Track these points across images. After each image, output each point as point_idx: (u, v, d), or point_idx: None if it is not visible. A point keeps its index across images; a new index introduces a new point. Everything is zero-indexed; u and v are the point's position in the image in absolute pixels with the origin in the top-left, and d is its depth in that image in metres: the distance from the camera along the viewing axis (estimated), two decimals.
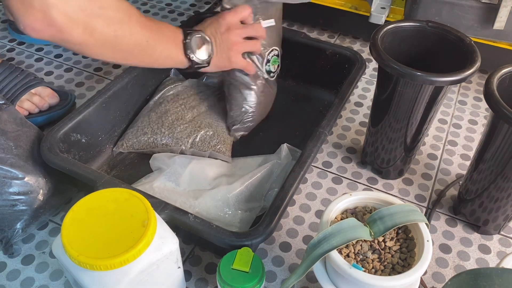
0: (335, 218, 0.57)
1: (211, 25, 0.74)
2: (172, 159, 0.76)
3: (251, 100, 0.81)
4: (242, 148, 0.84)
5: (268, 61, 0.80)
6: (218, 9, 1.25)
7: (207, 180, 0.75)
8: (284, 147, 0.78)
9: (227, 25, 0.74)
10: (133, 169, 0.80)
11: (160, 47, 0.67)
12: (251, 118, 0.83)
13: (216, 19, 0.74)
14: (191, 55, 0.70)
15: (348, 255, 0.54)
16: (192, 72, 0.75)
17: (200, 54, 0.71)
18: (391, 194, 0.79)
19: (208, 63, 0.73)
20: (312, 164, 0.82)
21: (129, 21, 0.61)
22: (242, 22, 0.75)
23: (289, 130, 0.87)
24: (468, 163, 0.84)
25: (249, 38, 0.76)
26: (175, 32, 0.70)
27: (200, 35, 0.71)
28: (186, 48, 0.69)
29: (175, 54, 0.69)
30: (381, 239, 0.55)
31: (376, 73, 0.73)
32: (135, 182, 0.75)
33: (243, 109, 0.81)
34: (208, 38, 0.72)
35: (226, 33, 0.73)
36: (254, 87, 0.81)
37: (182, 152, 0.80)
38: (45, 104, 0.88)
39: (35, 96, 0.87)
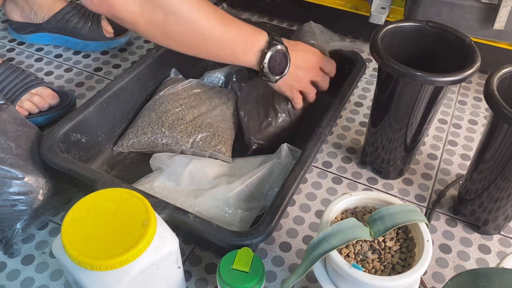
0: (335, 218, 0.57)
1: (301, 52, 0.74)
2: (172, 159, 0.76)
3: (278, 122, 0.82)
4: (241, 148, 0.84)
5: None
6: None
7: (207, 180, 0.75)
8: (284, 147, 0.77)
9: (315, 64, 0.75)
10: (133, 169, 0.80)
11: (221, 43, 0.63)
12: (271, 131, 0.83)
13: (310, 50, 0.75)
14: (265, 69, 0.68)
15: (348, 255, 0.54)
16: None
17: (273, 69, 0.70)
18: (391, 194, 0.79)
19: (276, 81, 0.72)
20: (312, 164, 0.82)
21: (184, 7, 0.59)
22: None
23: None
24: (468, 163, 0.84)
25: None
26: (253, 31, 0.67)
27: (283, 51, 0.69)
28: (263, 58, 0.68)
29: (243, 57, 0.67)
30: (381, 239, 0.55)
31: (376, 73, 0.73)
32: (135, 182, 0.75)
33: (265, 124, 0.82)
34: (288, 60, 0.70)
35: (308, 70, 0.74)
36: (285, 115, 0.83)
37: (182, 152, 0.80)
38: (45, 105, 0.88)
39: (35, 96, 0.87)
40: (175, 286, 0.60)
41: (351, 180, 0.81)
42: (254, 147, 0.82)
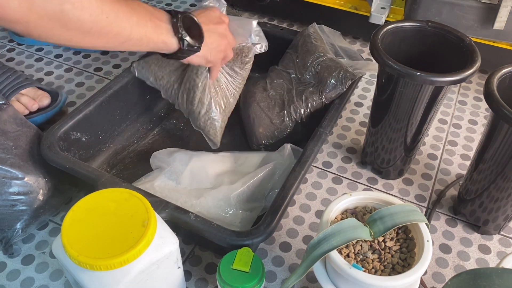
0: (335, 218, 0.57)
1: (201, 13, 0.67)
2: (172, 157, 0.76)
3: (291, 128, 0.83)
4: (245, 149, 0.84)
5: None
6: None
7: (208, 178, 0.74)
8: (288, 147, 0.77)
9: (218, 17, 0.69)
10: (133, 168, 0.80)
11: (129, 24, 0.56)
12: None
13: (205, 10, 0.69)
14: (184, 35, 0.61)
15: (348, 255, 0.54)
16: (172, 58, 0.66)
17: (191, 37, 0.62)
18: (391, 194, 0.79)
19: (198, 48, 0.64)
20: (312, 164, 0.82)
21: None
22: None
23: None
24: (468, 163, 0.84)
25: None
26: (154, 9, 0.60)
27: (190, 15, 0.63)
28: (176, 27, 0.60)
29: (156, 33, 0.59)
30: (381, 239, 0.55)
31: (376, 73, 0.73)
32: (135, 181, 0.75)
33: None
34: (197, 21, 0.64)
35: (219, 25, 0.68)
36: None
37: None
38: (34, 105, 0.87)
39: (24, 97, 0.86)
40: (175, 286, 0.60)
41: (351, 180, 0.81)
42: (263, 150, 0.82)
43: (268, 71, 0.91)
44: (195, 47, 0.63)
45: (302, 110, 0.81)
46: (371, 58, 0.70)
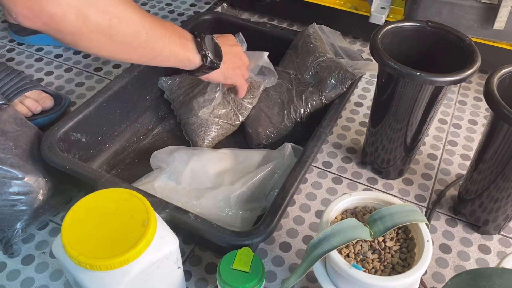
0: (335, 218, 0.57)
1: (219, 36, 0.75)
2: (171, 156, 0.76)
3: (291, 128, 0.84)
4: (242, 142, 0.84)
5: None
6: (218, 9, 1.25)
7: (208, 178, 0.74)
8: (288, 146, 0.77)
9: (234, 41, 0.77)
10: (133, 169, 0.80)
11: (162, 41, 0.62)
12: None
13: (222, 35, 0.76)
14: (207, 53, 0.67)
15: (348, 255, 0.54)
16: (192, 75, 0.72)
17: (213, 54, 0.69)
18: (391, 194, 0.79)
19: (218, 65, 0.70)
20: (312, 164, 0.82)
21: (125, 9, 0.57)
22: None
23: None
24: (468, 163, 0.84)
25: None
26: (181, 29, 0.67)
27: (210, 37, 0.70)
28: (200, 45, 0.67)
29: (183, 51, 0.66)
30: (381, 239, 0.55)
31: (376, 73, 0.73)
32: (135, 182, 0.75)
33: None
34: (218, 42, 0.71)
35: (234, 46, 0.76)
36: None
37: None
38: (38, 108, 0.87)
39: (28, 99, 0.86)
40: (175, 286, 0.60)
41: (351, 180, 0.81)
42: None
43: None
44: (215, 64, 0.69)
45: (302, 110, 0.81)
46: (371, 58, 0.70)
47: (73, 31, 0.53)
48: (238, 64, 0.76)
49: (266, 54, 0.84)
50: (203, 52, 0.67)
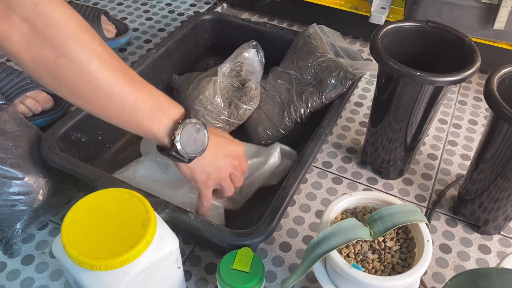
0: (335, 218, 0.57)
1: (223, 139, 0.63)
2: None
3: (291, 128, 0.83)
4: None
5: None
6: (218, 9, 1.25)
7: None
8: (277, 147, 0.73)
9: (239, 156, 0.64)
10: None
11: (121, 105, 0.52)
12: None
13: (234, 141, 0.66)
14: (176, 140, 0.55)
15: (348, 255, 0.54)
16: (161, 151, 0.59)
17: (188, 146, 0.57)
18: (391, 194, 0.79)
19: (190, 160, 0.58)
20: (312, 164, 0.82)
21: (79, 50, 0.48)
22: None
23: None
24: (468, 163, 0.84)
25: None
26: (166, 101, 0.56)
27: (201, 128, 0.58)
28: (174, 128, 0.55)
29: (149, 125, 0.55)
30: (381, 239, 0.55)
31: (376, 73, 0.73)
32: (115, 172, 0.73)
33: None
34: (206, 140, 0.59)
35: (231, 160, 0.63)
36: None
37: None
38: (38, 108, 0.87)
39: (28, 99, 0.86)
40: (175, 286, 0.60)
41: (351, 180, 0.81)
42: None
43: (269, 72, 0.91)
44: (183, 157, 0.57)
45: (302, 110, 0.81)
46: (371, 58, 0.70)
47: (15, 54, 0.47)
48: (221, 173, 0.62)
49: (278, 146, 0.74)
50: (172, 137, 0.56)
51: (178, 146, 0.56)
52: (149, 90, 0.55)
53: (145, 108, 0.54)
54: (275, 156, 0.73)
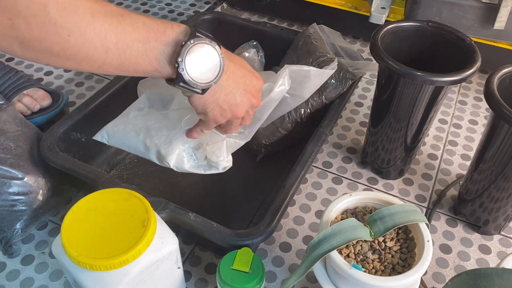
0: (335, 218, 0.57)
1: (242, 69, 0.52)
2: (160, 81, 0.57)
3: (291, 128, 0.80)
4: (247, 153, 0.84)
5: None
6: (218, 9, 1.25)
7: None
8: (286, 72, 0.59)
9: (258, 91, 0.54)
10: (133, 169, 0.80)
11: (103, 46, 0.43)
12: None
13: (253, 71, 0.54)
14: (182, 66, 0.45)
15: (348, 256, 0.54)
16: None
17: (197, 73, 0.46)
18: (391, 194, 0.79)
19: (204, 91, 0.48)
20: (312, 164, 0.82)
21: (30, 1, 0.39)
22: None
23: None
24: (468, 163, 0.84)
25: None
26: (165, 25, 0.46)
27: (214, 50, 0.47)
28: (177, 52, 0.45)
29: (146, 60, 0.45)
30: (381, 239, 0.55)
31: (376, 73, 0.73)
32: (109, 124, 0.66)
33: None
34: (221, 54, 0.47)
35: (249, 96, 0.53)
36: None
37: None
38: (36, 106, 0.87)
39: (26, 97, 0.86)
40: (175, 286, 0.60)
41: (351, 180, 0.81)
42: (263, 150, 0.81)
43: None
44: (194, 88, 0.47)
45: (302, 110, 0.81)
46: (371, 58, 0.70)
47: None
48: (242, 105, 0.53)
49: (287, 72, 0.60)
50: (176, 64, 0.45)
51: (185, 75, 0.45)
52: (132, 20, 0.44)
53: (132, 42, 0.44)
54: (283, 81, 0.59)
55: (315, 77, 0.61)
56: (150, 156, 0.62)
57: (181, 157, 0.60)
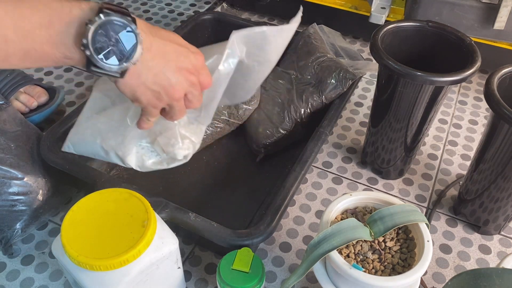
0: (335, 218, 0.57)
1: (172, 44, 0.46)
2: None
3: (291, 128, 0.81)
4: (246, 154, 0.83)
5: None
6: (218, 9, 1.25)
7: None
8: (232, 39, 0.50)
9: (197, 68, 0.47)
10: (133, 169, 0.80)
11: (2, 34, 0.38)
12: None
13: (188, 46, 0.48)
14: (89, 49, 0.40)
15: (348, 256, 0.54)
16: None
17: (107, 53, 0.41)
18: (391, 194, 0.79)
19: (122, 74, 0.42)
20: (312, 164, 0.82)
21: None
22: None
23: None
24: (468, 163, 0.84)
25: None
26: (64, 4, 0.40)
27: (126, 24, 0.41)
28: (82, 33, 0.39)
29: (53, 45, 0.39)
30: (381, 239, 0.55)
31: (376, 73, 0.73)
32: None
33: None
34: (136, 30, 0.41)
35: (186, 74, 0.46)
36: None
37: None
38: (34, 103, 0.86)
39: (23, 95, 0.86)
40: (175, 286, 0.60)
41: (351, 180, 0.81)
42: (263, 151, 0.81)
43: None
44: (109, 72, 0.41)
45: (302, 110, 0.81)
46: (371, 58, 0.70)
47: None
48: (179, 86, 0.46)
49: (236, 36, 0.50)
50: (81, 45, 0.39)
51: (94, 58, 0.40)
52: (32, 3, 0.39)
53: (33, 28, 0.39)
54: (231, 51, 0.51)
55: (274, 37, 0.54)
56: (112, 160, 0.56)
57: (140, 155, 0.55)
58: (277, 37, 0.56)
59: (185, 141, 0.55)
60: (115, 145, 0.55)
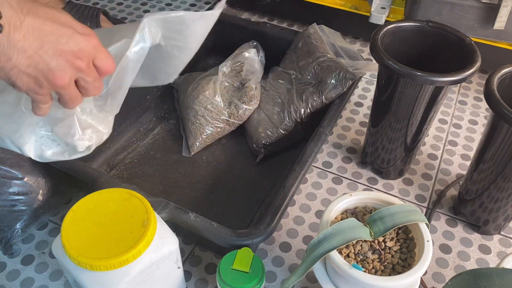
0: (335, 218, 0.57)
1: (51, 23, 0.41)
2: None
3: (291, 128, 0.83)
4: (245, 154, 0.83)
5: None
6: None
7: None
8: (143, 22, 0.47)
9: (85, 50, 0.43)
10: (133, 169, 0.80)
11: None
12: None
13: (75, 26, 0.43)
14: None
15: (348, 255, 0.54)
16: None
17: None
18: (391, 194, 0.79)
19: None
20: (312, 164, 0.82)
21: None
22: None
23: None
24: (468, 163, 0.84)
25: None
26: None
27: None
28: None
29: None
30: (381, 239, 0.55)
31: (376, 73, 0.73)
32: None
33: None
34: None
35: (69, 57, 0.42)
36: None
37: None
38: None
39: None
40: (175, 286, 0.60)
41: (351, 180, 0.81)
42: (263, 151, 0.81)
43: (269, 72, 0.91)
44: None
45: (302, 110, 0.81)
46: (371, 58, 0.70)
47: None
48: (61, 71, 0.41)
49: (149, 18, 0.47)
50: None
51: None
52: None
53: None
54: (141, 36, 0.47)
55: (193, 23, 0.51)
56: (10, 147, 0.51)
57: (39, 144, 0.51)
58: (197, 23, 0.52)
59: (86, 131, 0.51)
60: (10, 132, 0.50)
